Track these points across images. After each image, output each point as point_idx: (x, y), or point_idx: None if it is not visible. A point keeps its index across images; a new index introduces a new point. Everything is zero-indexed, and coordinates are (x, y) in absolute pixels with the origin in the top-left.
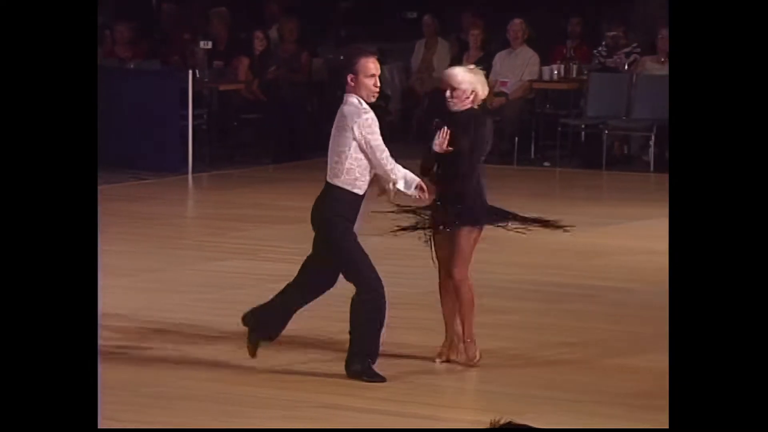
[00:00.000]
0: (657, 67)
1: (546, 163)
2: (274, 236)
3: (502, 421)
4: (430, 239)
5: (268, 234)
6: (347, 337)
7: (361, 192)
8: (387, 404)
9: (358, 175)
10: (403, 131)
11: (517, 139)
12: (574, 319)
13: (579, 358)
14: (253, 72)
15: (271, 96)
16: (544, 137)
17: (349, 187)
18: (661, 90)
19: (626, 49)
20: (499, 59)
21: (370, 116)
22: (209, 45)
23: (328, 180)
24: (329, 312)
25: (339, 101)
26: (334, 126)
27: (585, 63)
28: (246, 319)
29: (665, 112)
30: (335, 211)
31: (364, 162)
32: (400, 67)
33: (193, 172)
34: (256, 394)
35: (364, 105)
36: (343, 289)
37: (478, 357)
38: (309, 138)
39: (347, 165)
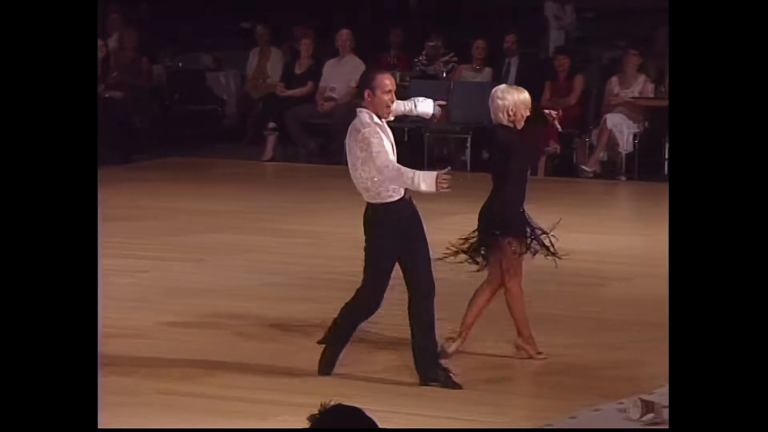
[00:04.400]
0: (472, 75)
1: None
2: (120, 232)
3: (331, 403)
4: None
5: (114, 229)
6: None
7: (394, 198)
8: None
9: (378, 188)
10: (238, 134)
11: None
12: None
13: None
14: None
15: (114, 100)
16: None
17: (379, 200)
18: (476, 95)
19: (444, 58)
20: (328, 67)
21: (367, 130)
22: None
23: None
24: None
25: (178, 104)
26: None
27: (407, 71)
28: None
29: (480, 116)
30: (374, 231)
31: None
32: (236, 73)
33: None
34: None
35: (366, 119)
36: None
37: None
38: (150, 139)
39: (363, 182)
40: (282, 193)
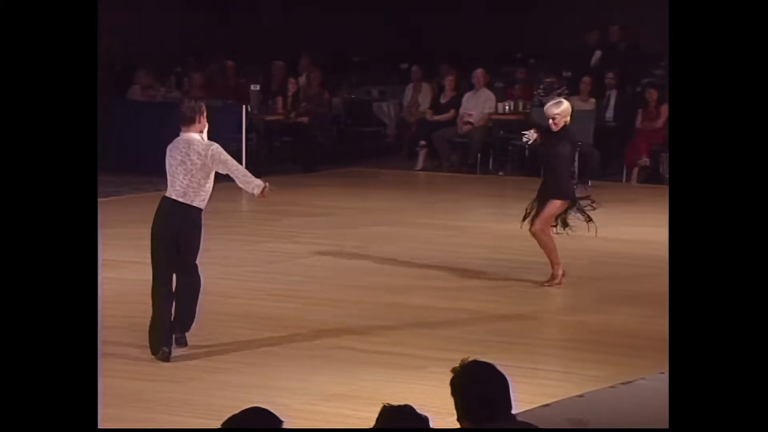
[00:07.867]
0: (580, 104)
1: (500, 173)
2: (306, 225)
3: (470, 359)
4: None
5: (301, 223)
6: None
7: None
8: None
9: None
10: (396, 149)
11: (479, 155)
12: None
13: (536, 313)
14: (289, 106)
15: (302, 123)
16: (499, 154)
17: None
18: (582, 120)
19: (558, 90)
20: (466, 98)
21: (216, 145)
22: (258, 87)
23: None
24: None
25: (351, 127)
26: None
27: (528, 100)
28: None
29: (587, 136)
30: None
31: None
32: (395, 103)
33: None
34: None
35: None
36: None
37: (559, 278)
38: (332, 153)
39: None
40: (430, 196)
